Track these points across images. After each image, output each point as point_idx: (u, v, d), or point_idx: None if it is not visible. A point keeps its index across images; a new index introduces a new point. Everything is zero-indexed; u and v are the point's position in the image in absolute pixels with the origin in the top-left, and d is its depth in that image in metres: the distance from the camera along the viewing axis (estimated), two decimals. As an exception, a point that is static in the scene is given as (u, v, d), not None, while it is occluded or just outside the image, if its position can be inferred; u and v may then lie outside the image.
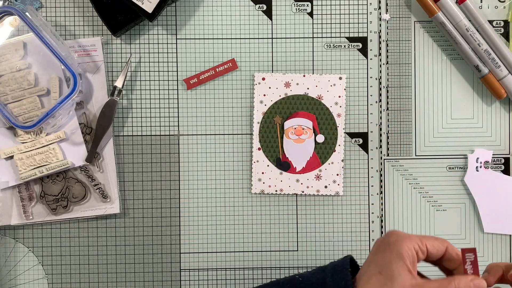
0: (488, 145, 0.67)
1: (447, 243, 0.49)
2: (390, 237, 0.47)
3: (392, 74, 0.67)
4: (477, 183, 0.66)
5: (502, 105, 0.67)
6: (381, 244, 0.48)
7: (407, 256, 0.46)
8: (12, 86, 0.63)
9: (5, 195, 0.64)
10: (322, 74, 0.66)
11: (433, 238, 0.48)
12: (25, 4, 0.64)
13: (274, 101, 0.66)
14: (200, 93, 0.66)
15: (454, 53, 0.66)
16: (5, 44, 0.63)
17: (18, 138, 0.63)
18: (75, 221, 0.66)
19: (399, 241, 0.46)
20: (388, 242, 0.47)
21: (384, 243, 0.48)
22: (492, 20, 0.66)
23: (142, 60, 0.66)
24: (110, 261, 0.66)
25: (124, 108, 0.66)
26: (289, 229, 0.67)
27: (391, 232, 0.48)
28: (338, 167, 0.66)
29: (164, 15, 0.66)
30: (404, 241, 0.46)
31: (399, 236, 0.47)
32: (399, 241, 0.46)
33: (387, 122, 0.67)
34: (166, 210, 0.66)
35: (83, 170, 0.65)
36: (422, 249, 0.47)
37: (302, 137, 0.66)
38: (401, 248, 0.46)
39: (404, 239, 0.47)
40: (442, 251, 0.48)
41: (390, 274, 0.46)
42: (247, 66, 0.66)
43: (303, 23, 0.66)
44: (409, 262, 0.46)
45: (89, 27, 0.65)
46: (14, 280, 0.66)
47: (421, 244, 0.47)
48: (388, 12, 0.66)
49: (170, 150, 0.66)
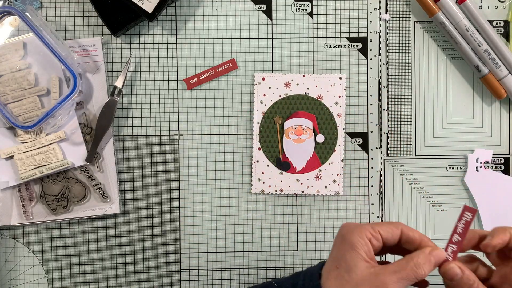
0: (488, 145, 0.67)
1: (402, 225, 0.48)
2: (342, 230, 0.47)
3: (392, 74, 0.67)
4: (477, 183, 0.66)
5: (502, 105, 0.67)
6: (336, 238, 0.48)
7: (360, 245, 0.45)
8: (12, 86, 0.63)
9: (5, 195, 0.64)
10: (322, 74, 0.66)
11: (386, 223, 0.48)
12: (25, 4, 0.64)
13: (274, 101, 0.66)
14: (200, 93, 0.66)
15: (454, 53, 0.66)
16: (5, 44, 0.63)
17: (18, 138, 0.63)
18: (75, 221, 0.66)
19: (350, 232, 0.46)
20: (341, 235, 0.47)
21: (338, 237, 0.47)
22: (492, 20, 0.66)
23: (142, 60, 0.66)
24: (110, 261, 0.66)
25: (124, 108, 0.66)
26: (289, 229, 0.67)
27: (343, 225, 0.48)
28: (338, 167, 0.66)
29: (164, 15, 0.66)
30: (355, 231, 0.46)
31: (350, 227, 0.47)
32: (350, 232, 0.46)
33: (387, 122, 0.67)
34: (166, 210, 0.66)
35: (83, 170, 0.65)
36: (375, 235, 0.46)
37: (302, 137, 0.66)
38: (353, 238, 0.46)
39: (355, 229, 0.46)
40: (398, 234, 0.47)
41: (345, 266, 0.45)
42: (247, 66, 0.66)
43: (303, 23, 0.66)
44: (364, 252, 0.45)
45: (89, 27, 0.65)
46: (14, 280, 0.66)
47: (374, 231, 0.46)
48: (388, 12, 0.66)
49: (170, 150, 0.66)
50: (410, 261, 0.45)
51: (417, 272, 0.45)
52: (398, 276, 0.45)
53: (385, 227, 0.47)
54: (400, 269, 0.45)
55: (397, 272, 0.45)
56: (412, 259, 0.45)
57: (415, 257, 0.46)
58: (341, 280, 0.45)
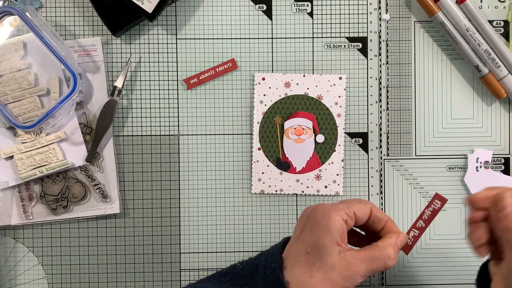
0: (488, 145, 0.67)
1: (371, 204, 0.47)
2: (317, 213, 0.45)
3: (392, 74, 0.67)
4: (477, 183, 0.66)
5: (502, 105, 0.67)
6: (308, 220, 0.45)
7: (336, 229, 0.44)
8: (12, 86, 0.63)
9: (5, 195, 0.64)
10: (322, 74, 0.66)
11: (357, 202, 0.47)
12: (25, 4, 0.64)
13: (274, 101, 0.66)
14: (200, 93, 0.66)
15: (454, 53, 0.66)
16: (5, 44, 0.63)
17: (18, 138, 0.63)
18: (75, 221, 0.66)
19: (327, 215, 0.44)
20: (314, 218, 0.45)
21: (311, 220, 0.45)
22: (492, 20, 0.66)
23: (142, 60, 0.66)
24: (110, 261, 0.66)
25: (124, 108, 0.66)
26: (289, 229, 0.67)
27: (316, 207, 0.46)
28: (338, 167, 0.66)
29: (164, 15, 0.66)
30: (332, 213, 0.44)
31: (325, 210, 0.45)
32: (326, 215, 0.44)
33: (387, 122, 0.67)
34: (166, 210, 0.66)
35: (83, 170, 0.65)
36: (350, 215, 0.45)
37: (302, 137, 0.66)
38: (330, 221, 0.44)
39: (332, 212, 0.45)
40: (368, 213, 0.47)
41: (318, 253, 0.44)
42: (247, 66, 0.66)
43: (303, 23, 0.66)
44: (338, 235, 0.44)
45: (89, 27, 0.65)
46: (14, 280, 0.66)
47: (349, 212, 0.45)
48: (388, 12, 0.66)
49: (170, 150, 0.66)
50: (382, 251, 0.45)
51: (388, 264, 0.45)
52: (369, 267, 0.44)
53: (358, 207, 0.46)
54: (371, 260, 0.44)
55: (368, 262, 0.44)
56: (385, 249, 0.45)
57: (387, 248, 0.45)
58: (311, 266, 0.44)
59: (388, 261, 0.45)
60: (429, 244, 0.67)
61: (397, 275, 0.67)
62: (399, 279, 0.67)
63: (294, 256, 0.45)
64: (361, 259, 0.44)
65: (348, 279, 0.44)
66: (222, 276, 0.47)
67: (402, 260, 0.67)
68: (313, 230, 0.45)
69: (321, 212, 0.45)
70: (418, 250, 0.67)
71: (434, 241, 0.67)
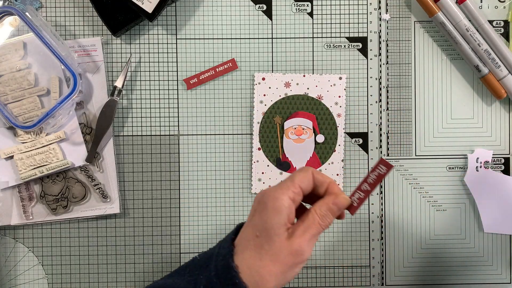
0: (488, 145, 0.67)
1: (311, 169, 0.47)
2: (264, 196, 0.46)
3: (392, 74, 0.67)
4: (477, 183, 0.66)
5: (502, 105, 0.67)
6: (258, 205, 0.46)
7: (283, 209, 0.44)
8: (12, 86, 0.63)
9: (5, 195, 0.64)
10: (322, 74, 0.66)
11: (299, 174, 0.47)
12: (25, 4, 0.64)
13: (274, 101, 0.66)
14: (200, 93, 0.66)
15: (454, 53, 0.66)
16: (5, 44, 0.63)
17: (18, 138, 0.63)
18: (75, 221, 0.66)
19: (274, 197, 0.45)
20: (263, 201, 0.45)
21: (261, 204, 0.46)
22: (492, 20, 0.66)
23: (142, 60, 0.66)
24: (110, 261, 0.66)
25: (124, 108, 0.66)
26: (289, 229, 0.66)
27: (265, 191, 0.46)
28: (338, 167, 0.66)
29: (164, 15, 0.66)
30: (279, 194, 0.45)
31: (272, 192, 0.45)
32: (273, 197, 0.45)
33: (387, 122, 0.67)
34: (166, 210, 0.66)
35: (83, 170, 0.65)
36: (296, 191, 0.46)
37: (302, 137, 0.66)
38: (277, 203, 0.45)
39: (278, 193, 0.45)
40: (311, 179, 0.47)
41: (267, 235, 0.44)
42: (247, 66, 0.66)
43: (303, 23, 0.66)
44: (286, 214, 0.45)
45: (89, 27, 0.65)
46: (14, 280, 0.66)
47: (295, 188, 0.46)
48: (388, 12, 0.66)
49: (170, 150, 0.66)
50: (314, 215, 0.45)
51: (323, 225, 0.46)
52: (309, 235, 0.45)
53: (301, 178, 0.46)
54: (308, 228, 0.45)
55: (307, 231, 0.45)
56: (316, 212, 0.46)
57: (318, 209, 0.46)
58: (260, 249, 0.44)
59: (323, 222, 0.46)
60: (429, 244, 0.67)
61: (397, 275, 0.67)
62: (399, 279, 0.67)
63: (245, 240, 0.45)
64: (301, 231, 0.45)
65: (298, 254, 0.44)
66: (182, 270, 0.48)
67: (402, 260, 0.67)
68: (262, 214, 0.45)
69: (268, 195, 0.46)
70: (418, 250, 0.67)
71: (434, 241, 0.67)
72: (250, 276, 0.44)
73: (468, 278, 0.67)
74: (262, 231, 0.45)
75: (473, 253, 0.67)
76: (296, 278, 0.66)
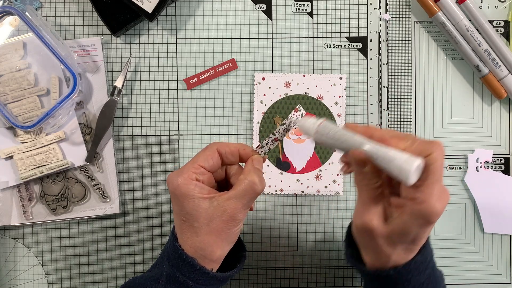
0: (488, 145, 0.67)
1: (216, 145, 0.49)
2: (170, 186, 0.48)
3: (392, 74, 0.67)
4: (477, 183, 0.66)
5: (502, 105, 0.67)
6: (170, 194, 0.48)
7: (191, 191, 0.46)
8: (12, 86, 0.63)
9: (5, 195, 0.64)
10: (322, 74, 0.66)
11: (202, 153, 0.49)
12: (25, 4, 0.64)
13: (274, 101, 0.66)
14: (200, 93, 0.66)
15: (454, 53, 0.66)
16: (5, 44, 0.63)
17: (18, 138, 0.63)
18: (75, 221, 0.66)
19: (176, 185, 0.47)
20: (171, 191, 0.48)
21: (171, 194, 0.48)
22: (492, 20, 0.66)
23: (142, 60, 0.66)
24: (110, 261, 0.66)
25: (124, 108, 0.66)
26: (289, 229, 0.66)
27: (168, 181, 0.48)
28: (338, 167, 0.66)
29: (164, 15, 0.66)
30: (179, 181, 0.47)
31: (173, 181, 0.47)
32: (176, 185, 0.47)
33: (387, 122, 0.67)
34: (166, 210, 0.66)
35: (83, 170, 0.65)
36: (198, 171, 0.47)
37: (302, 137, 0.66)
38: (181, 189, 0.47)
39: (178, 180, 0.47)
40: (217, 156, 0.49)
41: (190, 216, 0.47)
42: (247, 66, 0.66)
43: (303, 23, 0.66)
44: (197, 192, 0.47)
45: (89, 27, 0.65)
46: (14, 280, 0.66)
47: (195, 169, 0.47)
48: (388, 12, 0.66)
49: (170, 150, 0.66)
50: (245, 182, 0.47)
51: (257, 190, 0.47)
52: (243, 201, 0.47)
53: (204, 157, 0.48)
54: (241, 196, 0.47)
55: (239, 198, 0.47)
56: (246, 179, 0.47)
57: (248, 176, 0.47)
58: (192, 228, 0.47)
59: (255, 186, 0.47)
60: (429, 244, 0.67)
61: (397, 275, 0.67)
62: (399, 279, 0.67)
63: (178, 227, 0.49)
64: (233, 198, 0.47)
65: (229, 221, 0.47)
66: (153, 267, 0.53)
67: (402, 260, 0.67)
68: (175, 202, 0.48)
69: (172, 183, 0.47)
70: (418, 250, 0.67)
71: (434, 241, 0.67)
72: (195, 253, 0.47)
73: (468, 278, 0.67)
74: (185, 215, 0.47)
75: (473, 253, 0.67)
76: (296, 278, 0.66)
